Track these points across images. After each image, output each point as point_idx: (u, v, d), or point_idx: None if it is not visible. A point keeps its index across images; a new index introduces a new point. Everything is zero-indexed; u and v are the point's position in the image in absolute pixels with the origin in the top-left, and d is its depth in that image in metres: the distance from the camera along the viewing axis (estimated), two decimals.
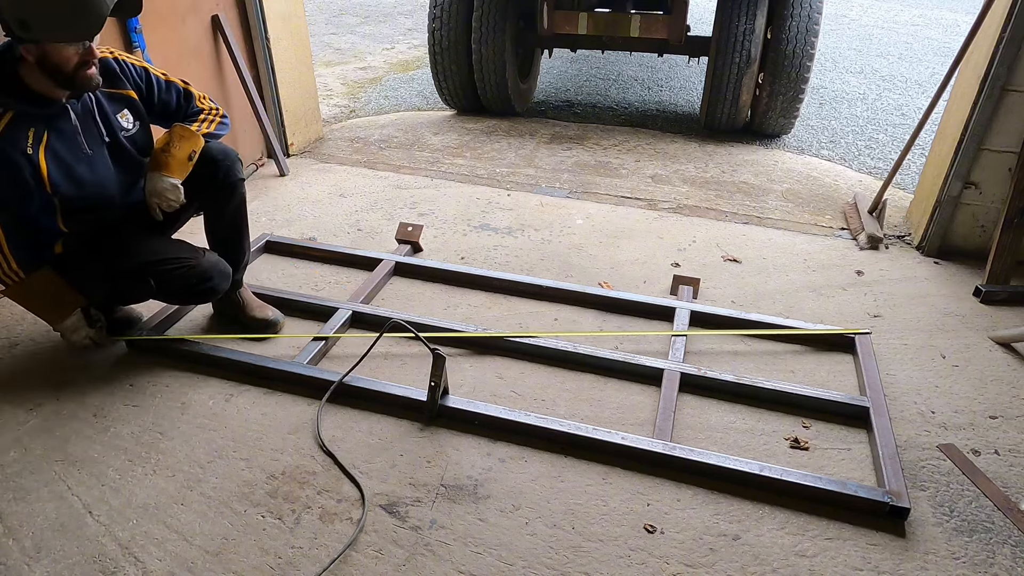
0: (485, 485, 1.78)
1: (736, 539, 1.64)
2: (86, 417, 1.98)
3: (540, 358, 2.25)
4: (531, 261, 2.88)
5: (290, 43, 3.76)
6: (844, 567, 1.58)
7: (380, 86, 5.86)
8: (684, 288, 2.58)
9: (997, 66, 2.54)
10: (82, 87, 1.84)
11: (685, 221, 3.26)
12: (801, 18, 3.96)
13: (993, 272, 2.67)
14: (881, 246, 3.00)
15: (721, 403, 2.08)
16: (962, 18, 8.72)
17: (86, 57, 1.79)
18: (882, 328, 2.45)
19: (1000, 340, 2.38)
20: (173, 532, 1.64)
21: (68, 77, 1.79)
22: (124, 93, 2.03)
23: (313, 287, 2.66)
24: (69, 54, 1.75)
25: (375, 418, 2.00)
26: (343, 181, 3.64)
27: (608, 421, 1.99)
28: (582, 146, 4.24)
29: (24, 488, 1.75)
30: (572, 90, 5.64)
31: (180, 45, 3.09)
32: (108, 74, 1.96)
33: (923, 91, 5.73)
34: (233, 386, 2.11)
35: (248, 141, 3.67)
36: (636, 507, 1.72)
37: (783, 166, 3.98)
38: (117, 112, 2.02)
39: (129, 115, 2.05)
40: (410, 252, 2.87)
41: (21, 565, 1.55)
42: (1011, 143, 2.67)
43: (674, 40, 4.23)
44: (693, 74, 6.08)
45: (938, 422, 2.03)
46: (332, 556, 1.57)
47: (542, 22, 4.30)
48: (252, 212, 3.23)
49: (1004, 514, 1.72)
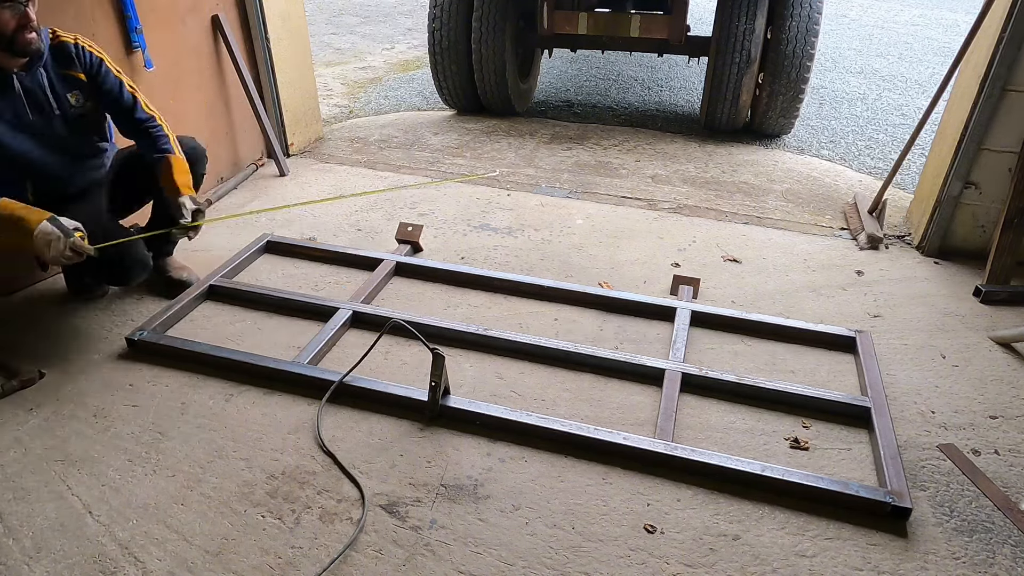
0: (485, 485, 1.78)
1: (736, 539, 1.64)
2: (86, 417, 1.98)
3: (540, 358, 2.25)
4: (531, 261, 2.87)
5: (290, 43, 3.76)
6: (844, 567, 1.58)
7: (380, 86, 5.86)
8: (684, 288, 2.58)
9: (997, 66, 2.54)
10: (22, 51, 1.98)
11: (685, 221, 3.26)
12: (801, 18, 3.96)
13: (993, 272, 2.67)
14: (881, 246, 3.00)
15: (721, 403, 2.08)
16: (962, 18, 8.72)
17: (23, 21, 1.93)
18: (882, 328, 2.45)
19: (1000, 340, 2.38)
20: (173, 532, 1.64)
21: (8, 39, 1.94)
22: (75, 75, 2.20)
23: (313, 287, 2.66)
24: (6, 18, 1.90)
25: (375, 418, 2.00)
26: (343, 181, 3.64)
27: (608, 421, 1.99)
28: (582, 146, 4.24)
29: (24, 488, 1.75)
30: (572, 90, 5.64)
31: (180, 45, 3.09)
32: (63, 55, 2.14)
33: (923, 91, 5.74)
34: (233, 386, 2.11)
35: (248, 141, 3.67)
36: (636, 507, 1.72)
37: (783, 166, 3.98)
38: (67, 91, 2.18)
39: (80, 95, 2.21)
40: (410, 252, 2.87)
41: (21, 565, 1.55)
42: (1011, 143, 2.67)
43: (674, 40, 4.23)
44: (693, 74, 6.08)
45: (938, 422, 2.03)
46: (332, 556, 1.57)
47: (542, 22, 4.30)
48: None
49: (1004, 514, 1.72)
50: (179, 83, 3.11)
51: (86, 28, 2.58)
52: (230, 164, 3.58)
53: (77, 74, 2.19)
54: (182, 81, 3.13)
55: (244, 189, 3.50)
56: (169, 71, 3.05)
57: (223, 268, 2.63)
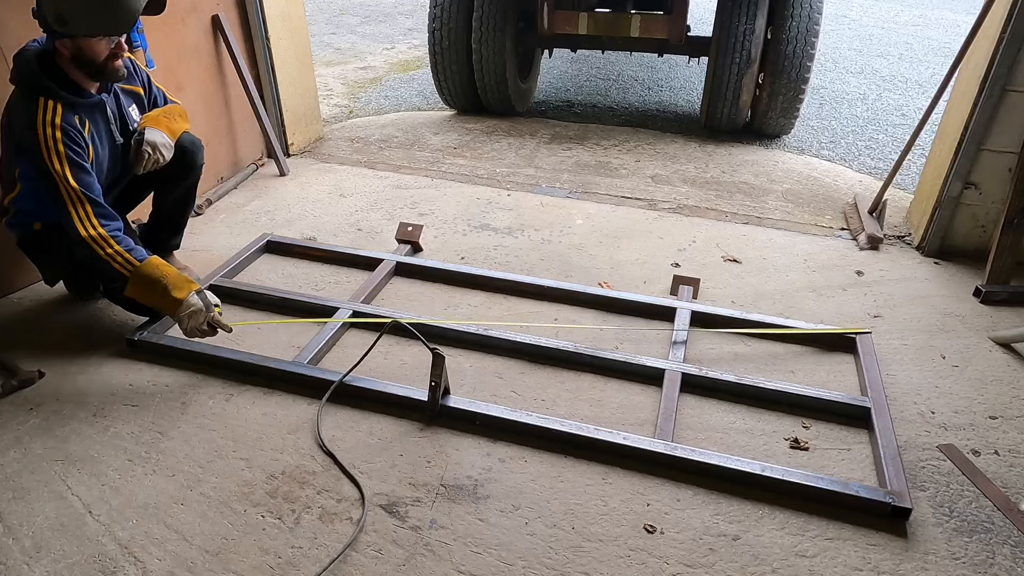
0: (485, 485, 1.78)
1: (736, 539, 1.64)
2: (86, 417, 1.98)
3: (540, 358, 2.25)
4: (531, 261, 2.87)
5: (290, 43, 3.76)
6: (844, 567, 1.58)
7: (380, 86, 5.86)
8: (684, 288, 2.58)
9: (997, 66, 2.54)
10: (111, 78, 2.05)
11: (685, 221, 3.26)
12: (801, 18, 3.96)
13: (993, 272, 2.67)
14: (881, 246, 3.00)
15: (721, 403, 2.08)
16: (962, 18, 8.72)
17: (116, 51, 1.99)
18: (882, 328, 2.45)
19: (1000, 340, 2.38)
20: (173, 532, 1.64)
21: (99, 69, 2.00)
22: (135, 89, 2.28)
23: (313, 287, 2.66)
24: (101, 48, 1.95)
25: (375, 418, 2.00)
26: (343, 181, 3.64)
27: (608, 421, 1.99)
28: (582, 146, 4.24)
29: (24, 488, 1.75)
30: (572, 90, 5.64)
31: (180, 45, 3.09)
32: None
33: (923, 91, 5.73)
34: (233, 386, 2.11)
35: (248, 141, 3.67)
36: (636, 507, 1.72)
37: (783, 166, 3.98)
38: (129, 106, 2.26)
39: (137, 109, 2.28)
40: (410, 252, 2.87)
41: (21, 565, 1.55)
42: (1011, 143, 2.67)
43: (674, 40, 4.23)
44: (693, 74, 6.08)
45: (938, 422, 2.03)
46: (332, 556, 1.57)
47: (542, 22, 4.30)
48: (252, 212, 3.25)
49: (1004, 514, 1.72)
50: (179, 83, 3.11)
51: None
52: (230, 164, 3.58)
53: (136, 88, 2.27)
54: (182, 81, 3.13)
55: (244, 189, 3.50)
56: (169, 71, 3.05)
57: (223, 268, 2.63)
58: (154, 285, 2.04)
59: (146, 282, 2.04)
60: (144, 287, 2.05)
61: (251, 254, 2.78)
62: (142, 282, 2.04)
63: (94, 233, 2.00)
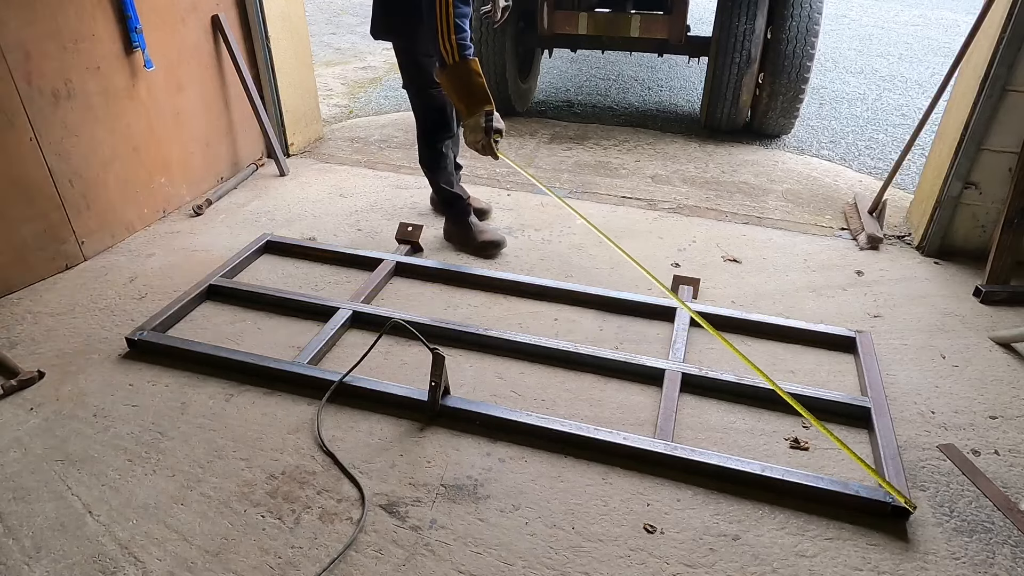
0: (485, 485, 1.78)
1: (736, 539, 1.64)
2: (86, 417, 1.98)
3: (540, 358, 2.25)
4: (531, 261, 2.87)
5: (290, 43, 3.76)
6: (844, 567, 1.58)
7: (380, 86, 5.86)
8: (684, 288, 2.58)
9: (997, 66, 2.54)
10: None
11: (685, 221, 3.26)
12: (801, 18, 3.96)
13: (993, 272, 2.67)
14: (881, 246, 3.00)
15: (721, 403, 2.08)
16: (962, 18, 8.72)
17: None
18: (882, 328, 2.45)
19: (1000, 340, 2.38)
20: (173, 532, 1.64)
21: None
22: None
23: (313, 287, 2.66)
24: None
25: (375, 418, 2.00)
26: (343, 181, 3.64)
27: (608, 421, 1.99)
28: (582, 146, 4.24)
29: (24, 488, 1.75)
30: (572, 90, 5.64)
31: (180, 45, 3.09)
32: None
33: (923, 91, 5.73)
34: (233, 386, 2.11)
35: (248, 141, 3.67)
36: (636, 507, 1.72)
37: (783, 166, 3.98)
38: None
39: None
40: (410, 252, 2.87)
41: (21, 565, 1.55)
42: (1011, 143, 2.67)
43: (674, 40, 4.23)
44: (693, 74, 6.08)
45: (938, 422, 2.03)
46: (332, 556, 1.57)
47: (542, 22, 4.30)
48: (252, 212, 3.25)
49: (1004, 514, 1.72)
50: (179, 83, 3.11)
51: (86, 27, 2.59)
52: (230, 164, 3.58)
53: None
54: (182, 81, 3.13)
55: (244, 189, 3.50)
56: (169, 71, 3.05)
57: (223, 268, 2.63)
58: (464, 86, 2.23)
59: (460, 77, 2.22)
60: (457, 80, 2.24)
61: (251, 254, 2.78)
62: (457, 74, 2.23)
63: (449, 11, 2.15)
